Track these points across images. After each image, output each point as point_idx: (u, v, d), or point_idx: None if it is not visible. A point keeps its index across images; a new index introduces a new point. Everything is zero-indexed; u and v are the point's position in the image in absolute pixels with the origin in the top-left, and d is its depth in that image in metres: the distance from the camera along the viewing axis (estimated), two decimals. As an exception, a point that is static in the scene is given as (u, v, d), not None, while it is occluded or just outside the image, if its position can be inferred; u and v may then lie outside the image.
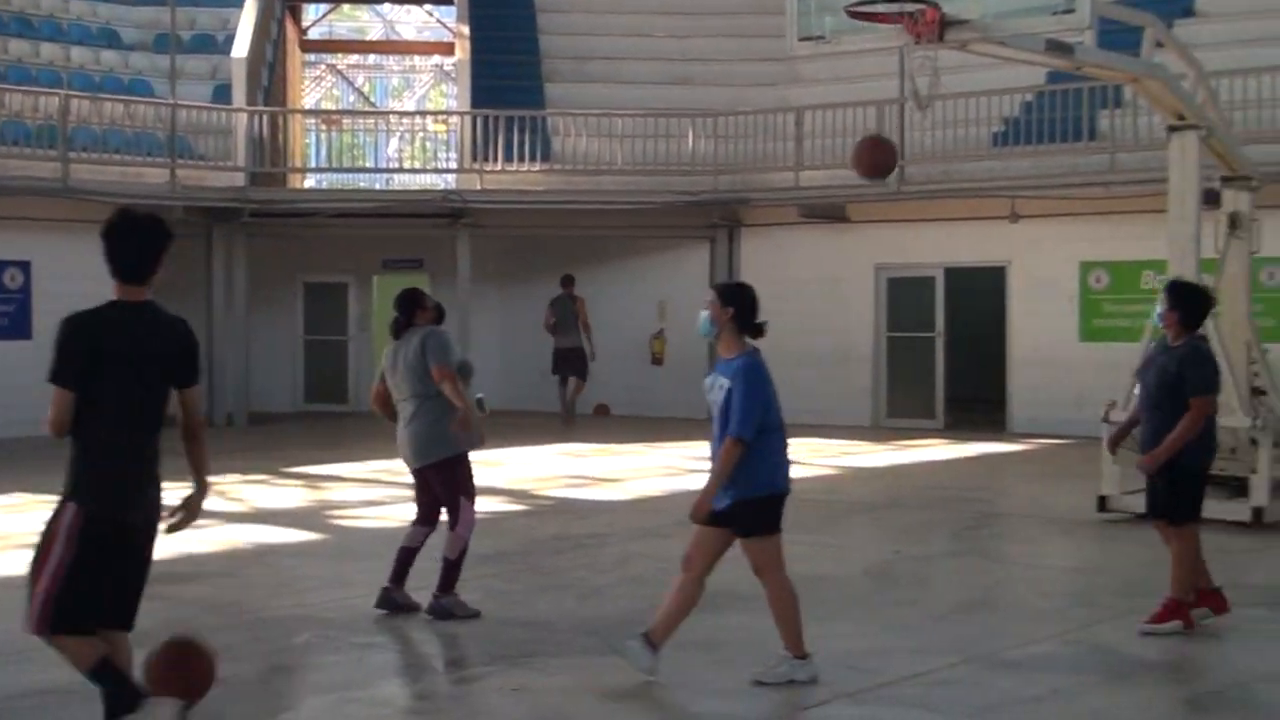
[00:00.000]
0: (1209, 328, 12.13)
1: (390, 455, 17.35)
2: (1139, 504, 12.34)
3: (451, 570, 8.56)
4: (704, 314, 7.08)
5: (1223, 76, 17.25)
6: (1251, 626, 8.44)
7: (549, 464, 17.12)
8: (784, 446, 7.06)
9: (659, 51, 25.81)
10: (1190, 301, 8.42)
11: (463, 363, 8.81)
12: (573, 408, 22.02)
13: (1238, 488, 12.31)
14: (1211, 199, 13.10)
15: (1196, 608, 8.26)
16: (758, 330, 7.06)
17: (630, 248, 23.47)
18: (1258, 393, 14.01)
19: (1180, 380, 8.11)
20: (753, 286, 7.33)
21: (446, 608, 8.49)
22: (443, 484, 8.61)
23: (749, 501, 6.90)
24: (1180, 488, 8.18)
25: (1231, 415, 12.27)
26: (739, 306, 7.08)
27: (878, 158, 11.19)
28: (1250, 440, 12.19)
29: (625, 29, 26.13)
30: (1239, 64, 18.42)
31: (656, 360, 23.14)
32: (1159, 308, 8.56)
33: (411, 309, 8.80)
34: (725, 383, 6.89)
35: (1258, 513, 11.67)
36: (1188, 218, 12.25)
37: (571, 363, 22.05)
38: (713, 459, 6.97)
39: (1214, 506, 12.06)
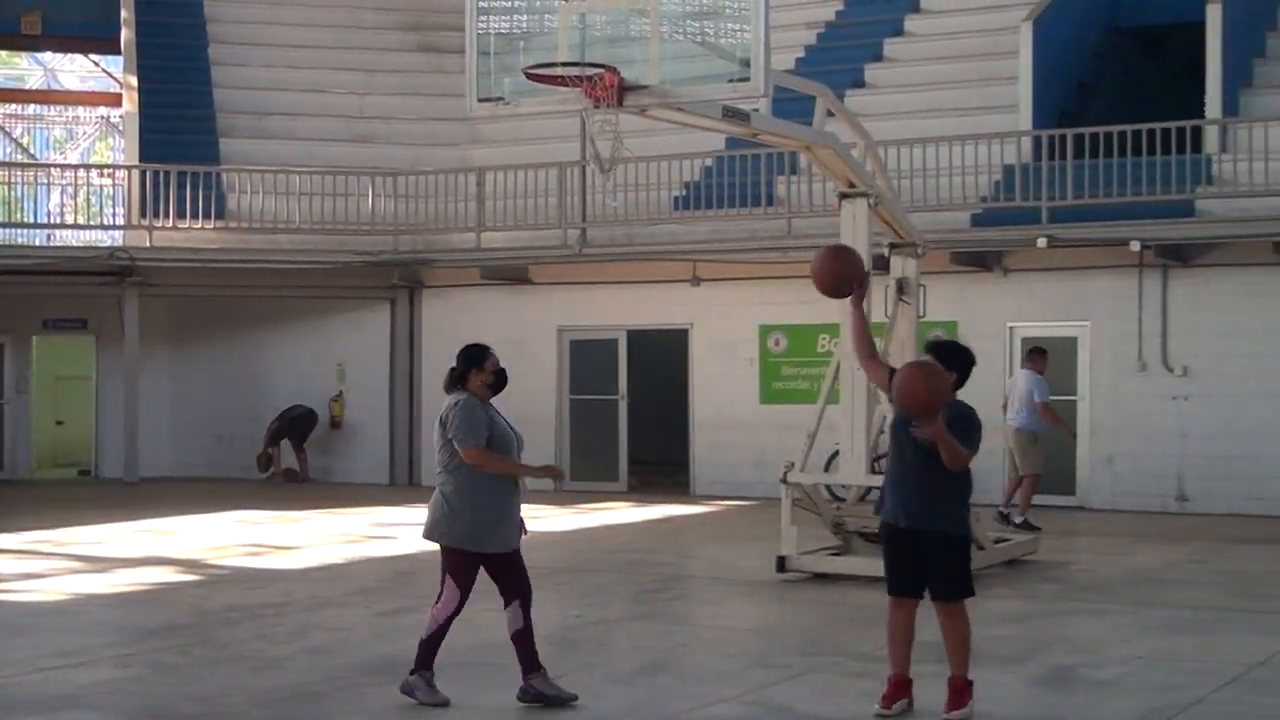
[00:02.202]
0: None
1: (51, 525, 16.71)
2: (816, 565, 12.87)
3: (422, 648, 8.15)
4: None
5: (890, 145, 18.20)
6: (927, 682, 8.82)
7: (224, 532, 16.69)
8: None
9: (339, 108, 25.67)
10: (966, 361, 8.03)
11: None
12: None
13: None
14: (880, 265, 13.75)
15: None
16: None
17: (308, 309, 23.17)
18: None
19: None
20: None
21: (410, 687, 8.09)
22: (442, 561, 8.20)
23: None
24: (957, 561, 7.68)
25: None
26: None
27: (840, 268, 9.32)
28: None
29: (304, 84, 25.88)
30: (905, 134, 19.45)
31: (336, 424, 22.87)
32: None
33: (468, 367, 8.18)
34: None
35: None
36: (859, 283, 12.78)
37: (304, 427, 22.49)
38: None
39: (872, 564, 12.64)
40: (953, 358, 7.96)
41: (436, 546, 8.22)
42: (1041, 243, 18.01)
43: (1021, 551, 13.65)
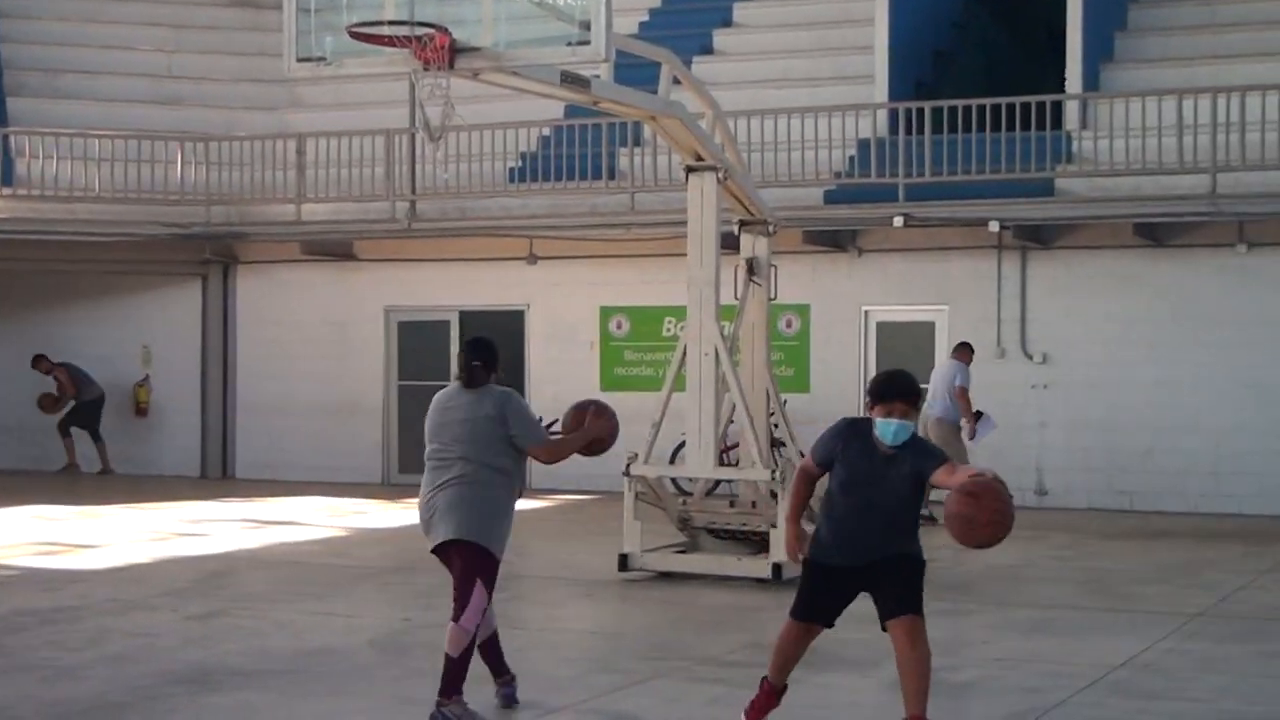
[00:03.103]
0: (729, 377, 12.84)
1: None
2: (661, 563, 12.90)
3: (453, 669, 7.77)
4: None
5: (740, 116, 18.29)
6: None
7: (13, 529, 16.26)
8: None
9: (144, 67, 25.03)
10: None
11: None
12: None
13: (759, 543, 12.98)
14: (730, 243, 13.82)
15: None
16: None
17: (110, 285, 22.64)
18: (777, 444, 14.89)
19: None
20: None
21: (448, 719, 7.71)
22: (467, 564, 7.87)
23: None
24: (917, 573, 7.17)
25: (751, 468, 12.97)
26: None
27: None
28: (770, 494, 12.89)
29: (104, 40, 25.20)
30: (756, 105, 19.56)
31: (141, 411, 22.40)
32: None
33: (496, 361, 8.04)
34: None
35: (777, 569, 12.25)
36: (707, 262, 12.86)
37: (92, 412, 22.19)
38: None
39: (734, 564, 12.76)
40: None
41: (254, 545, 8.06)
42: (898, 222, 18.26)
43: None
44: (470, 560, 7.86)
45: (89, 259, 21.92)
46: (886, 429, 7.00)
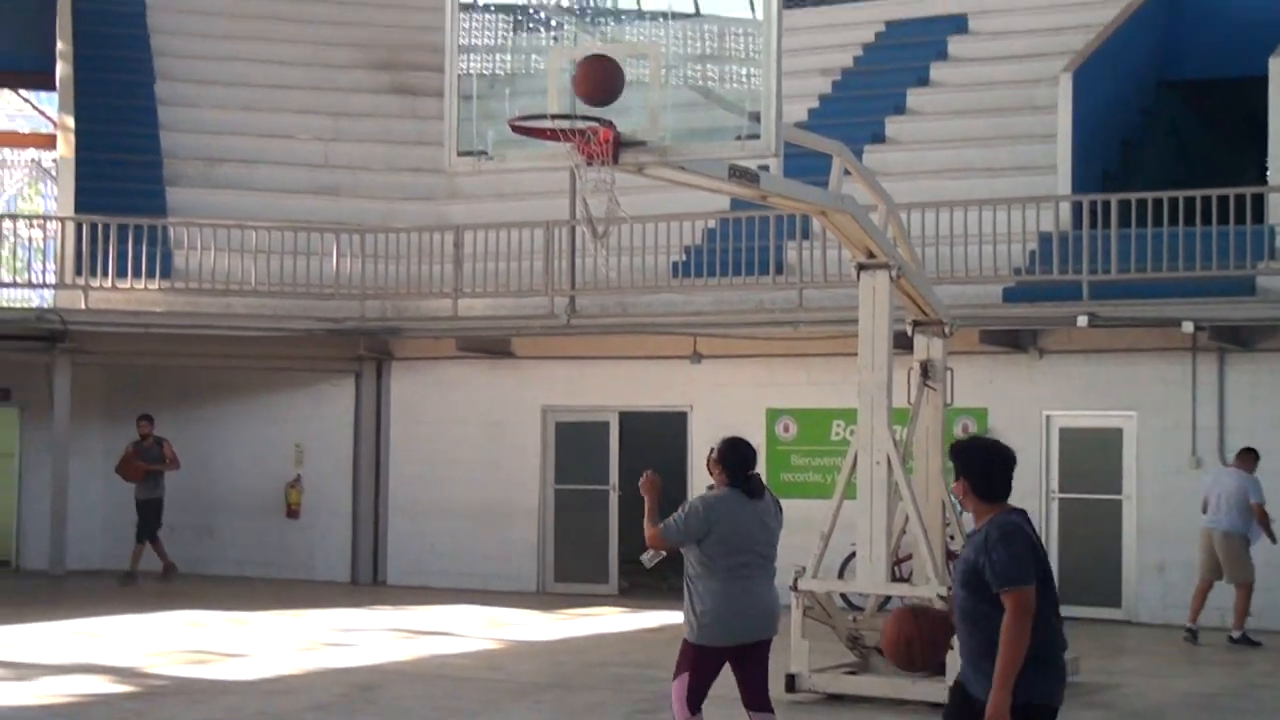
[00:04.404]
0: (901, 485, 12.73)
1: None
2: (831, 684, 12.76)
3: None
4: None
5: (914, 209, 18.26)
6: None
7: (163, 635, 16.58)
8: None
9: (301, 156, 25.74)
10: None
11: None
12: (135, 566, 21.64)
13: (936, 664, 12.77)
14: (903, 344, 13.74)
15: None
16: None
17: (264, 381, 23.11)
18: (954, 557, 14.68)
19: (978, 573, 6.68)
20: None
21: None
22: (763, 660, 9.15)
23: None
24: None
25: (926, 584, 12.81)
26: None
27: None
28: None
29: (262, 129, 25.97)
30: (930, 196, 19.50)
31: (292, 513, 22.72)
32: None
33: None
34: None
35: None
36: (879, 365, 12.82)
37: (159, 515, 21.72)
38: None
39: (909, 686, 12.56)
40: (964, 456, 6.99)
41: (405, 656, 8.34)
42: (1082, 321, 17.99)
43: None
44: (764, 654, 9.18)
45: (244, 354, 22.41)
46: None
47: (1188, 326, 17.64)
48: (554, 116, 10.33)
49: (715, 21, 10.85)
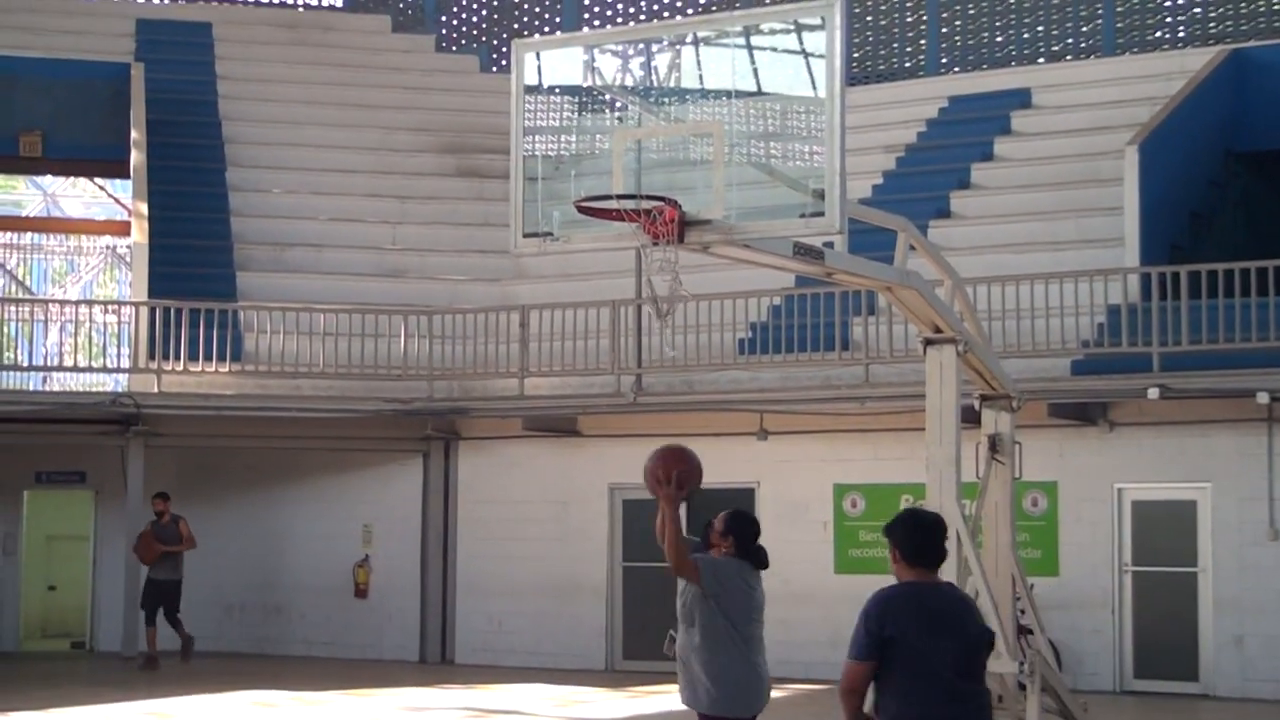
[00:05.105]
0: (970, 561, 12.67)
1: (42, 705, 16.71)
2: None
3: None
4: None
5: (979, 283, 18.26)
6: None
7: (235, 716, 16.67)
8: None
9: (368, 239, 26.04)
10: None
11: None
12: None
13: (1006, 738, 12.69)
14: (971, 419, 13.71)
15: None
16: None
17: (332, 462, 23.30)
18: (1024, 632, 14.61)
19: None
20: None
21: None
22: None
23: None
24: None
25: (997, 659, 12.72)
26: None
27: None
28: (1018, 686, 12.61)
29: (330, 213, 26.32)
30: (996, 271, 19.50)
31: (361, 592, 22.84)
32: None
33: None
34: None
35: (1028, 766, 12.00)
36: (947, 440, 12.78)
37: (166, 596, 21.10)
38: None
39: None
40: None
41: None
42: (1153, 393, 17.90)
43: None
44: None
45: (313, 435, 22.60)
46: None
47: (1262, 397, 17.52)
48: (619, 197, 10.42)
49: (778, 99, 10.90)
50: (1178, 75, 24.20)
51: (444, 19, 32.94)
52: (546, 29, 31.37)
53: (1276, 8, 26.45)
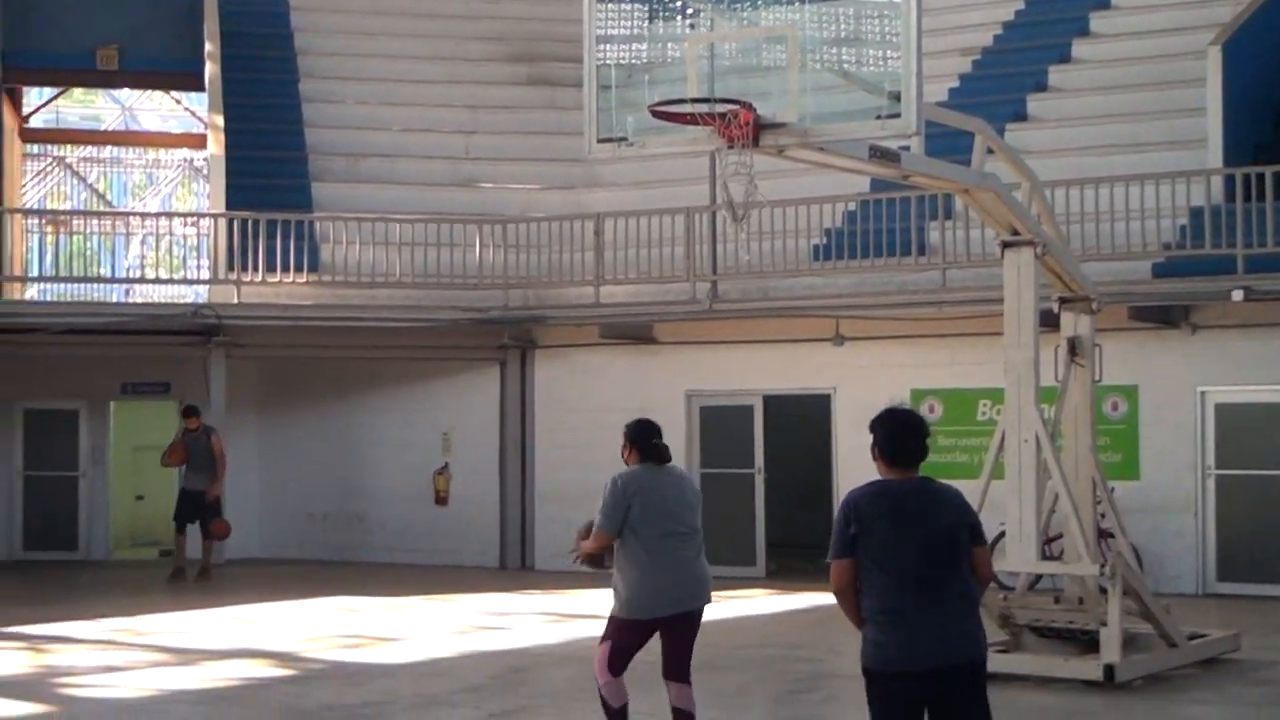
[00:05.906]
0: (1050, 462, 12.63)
1: (131, 612, 17.01)
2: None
3: None
4: None
5: (1058, 187, 18.07)
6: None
7: (319, 621, 16.90)
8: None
9: (442, 149, 26.04)
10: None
11: None
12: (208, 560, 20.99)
13: (1088, 642, 12.70)
14: (1050, 322, 13.62)
15: None
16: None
17: (410, 371, 23.45)
18: (1105, 535, 14.58)
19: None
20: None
21: None
22: (692, 631, 9.12)
23: None
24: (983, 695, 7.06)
25: (1078, 562, 12.71)
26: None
27: None
28: (1099, 589, 12.60)
29: (404, 123, 26.33)
30: (1075, 174, 19.27)
31: (441, 500, 23.05)
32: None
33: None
34: None
35: (1109, 670, 11.99)
36: (1025, 343, 12.72)
37: (198, 508, 20.99)
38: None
39: (1061, 664, 12.49)
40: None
41: (555, 640, 8.53)
42: (1237, 295, 17.68)
43: (1221, 649, 13.36)
44: (695, 625, 9.17)
45: (390, 345, 22.76)
46: None
47: (1347, 296, 17.30)
48: (694, 100, 10.38)
49: (852, 3, 10.81)
50: (1260, -28, 23.72)
51: (515, -74, 32.68)
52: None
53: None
